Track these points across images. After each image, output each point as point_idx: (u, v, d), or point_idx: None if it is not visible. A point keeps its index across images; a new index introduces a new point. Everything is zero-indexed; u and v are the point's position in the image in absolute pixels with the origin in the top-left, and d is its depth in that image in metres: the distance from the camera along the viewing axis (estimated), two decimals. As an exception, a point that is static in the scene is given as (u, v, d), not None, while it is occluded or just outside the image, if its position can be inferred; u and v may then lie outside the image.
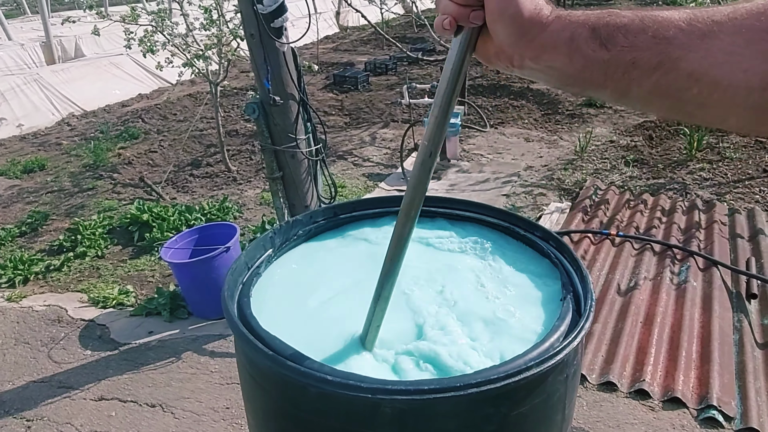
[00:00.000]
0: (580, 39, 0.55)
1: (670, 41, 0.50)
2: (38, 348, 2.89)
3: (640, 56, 0.52)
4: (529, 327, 0.96)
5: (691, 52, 0.49)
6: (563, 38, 0.56)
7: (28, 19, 12.90)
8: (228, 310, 0.95)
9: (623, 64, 0.53)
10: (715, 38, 0.48)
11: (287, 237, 1.27)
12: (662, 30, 0.51)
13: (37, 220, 4.31)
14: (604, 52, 0.54)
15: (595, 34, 0.54)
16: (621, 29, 0.53)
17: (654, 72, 0.51)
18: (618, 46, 0.53)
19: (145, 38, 4.63)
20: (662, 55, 0.51)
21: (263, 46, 2.18)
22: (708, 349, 2.32)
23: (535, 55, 0.59)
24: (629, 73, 0.53)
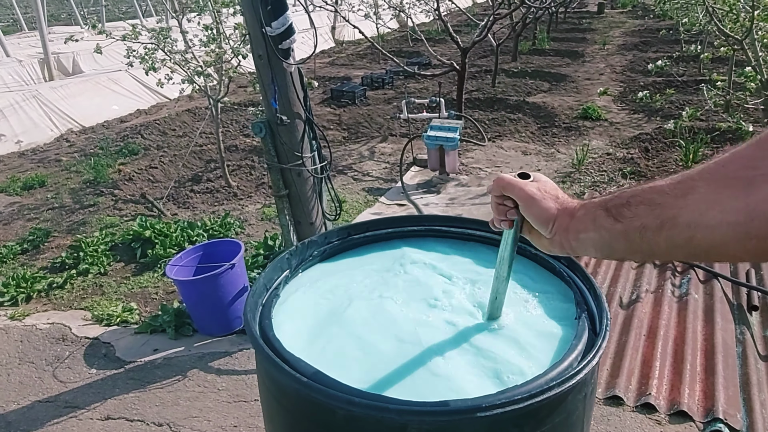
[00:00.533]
0: (600, 218, 0.71)
1: (662, 206, 0.63)
2: (43, 367, 2.89)
3: (645, 222, 0.65)
4: (544, 346, 0.98)
5: (681, 209, 0.61)
6: (589, 220, 0.73)
7: (25, 36, 12.94)
8: (252, 332, 0.98)
9: (636, 229, 0.66)
10: (695, 193, 0.60)
11: (303, 258, 1.29)
12: (653, 199, 0.64)
13: (38, 237, 4.31)
14: (618, 224, 0.68)
15: (608, 213, 0.70)
16: (625, 205, 0.68)
17: (661, 230, 0.63)
18: (626, 218, 0.67)
19: (147, 56, 4.68)
20: (661, 217, 0.63)
21: (271, 66, 2.22)
22: (712, 362, 2.35)
23: (575, 237, 0.76)
24: (644, 235, 0.65)
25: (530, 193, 0.81)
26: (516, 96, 7.78)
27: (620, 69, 9.17)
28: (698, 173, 0.62)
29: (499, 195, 0.86)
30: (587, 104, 6.90)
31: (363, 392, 0.82)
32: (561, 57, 10.45)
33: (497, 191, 0.86)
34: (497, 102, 7.53)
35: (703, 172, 0.61)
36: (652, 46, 10.70)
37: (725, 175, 0.58)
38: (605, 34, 12.81)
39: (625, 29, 13.54)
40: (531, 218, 0.82)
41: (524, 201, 0.82)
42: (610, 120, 6.57)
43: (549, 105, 7.22)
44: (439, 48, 10.68)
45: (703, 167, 0.62)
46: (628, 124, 6.38)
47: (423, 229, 1.39)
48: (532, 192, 0.81)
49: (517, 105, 7.32)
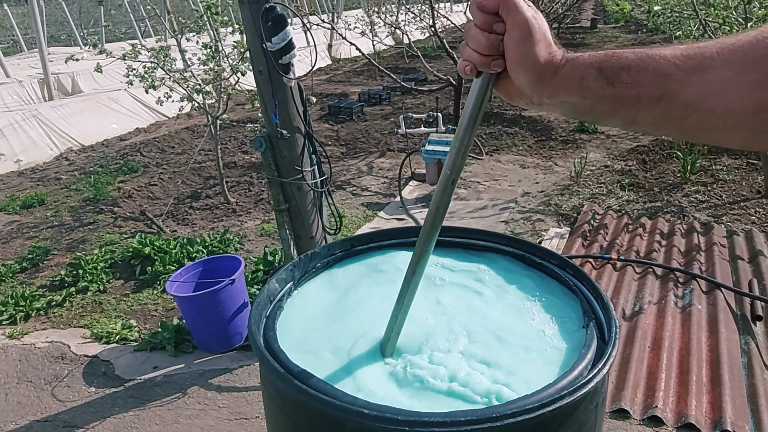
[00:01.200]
0: (590, 79, 0.62)
1: (667, 77, 0.57)
2: (41, 386, 2.85)
3: (643, 91, 0.59)
4: (552, 355, 0.97)
5: (687, 85, 0.56)
6: (575, 79, 0.64)
7: (25, 56, 13.04)
8: (257, 343, 0.97)
9: (629, 98, 0.60)
10: (707, 72, 0.54)
11: (306, 269, 1.29)
12: (660, 67, 0.58)
13: (37, 255, 4.29)
14: (611, 89, 0.61)
15: (602, 74, 0.62)
16: (624, 68, 0.60)
17: (657, 103, 0.58)
18: (623, 83, 0.60)
19: (146, 74, 4.71)
20: (662, 89, 0.57)
21: (271, 81, 2.24)
22: (718, 373, 2.33)
23: (551, 94, 0.67)
24: (635, 105, 0.60)
25: (532, 27, 0.65)
26: (512, 110, 7.83)
27: (615, 83, 9.27)
28: (716, 50, 0.55)
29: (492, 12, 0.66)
30: (584, 117, 6.95)
31: (372, 404, 0.81)
32: (556, 71, 10.55)
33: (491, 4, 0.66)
34: (494, 116, 7.58)
35: (721, 51, 0.54)
36: (646, 60, 10.83)
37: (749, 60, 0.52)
38: (599, 48, 12.96)
39: (619, 43, 13.71)
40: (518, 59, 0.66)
41: (525, 34, 0.65)
42: (606, 133, 6.61)
43: (545, 119, 7.27)
44: (435, 64, 10.78)
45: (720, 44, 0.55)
46: (624, 137, 6.42)
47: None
48: (534, 27, 0.65)
49: (514, 119, 7.36)
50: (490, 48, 0.68)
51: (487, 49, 0.68)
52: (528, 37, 0.65)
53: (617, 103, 0.61)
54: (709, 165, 5.06)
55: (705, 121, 0.56)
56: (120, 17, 19.61)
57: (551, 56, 0.66)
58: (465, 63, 0.71)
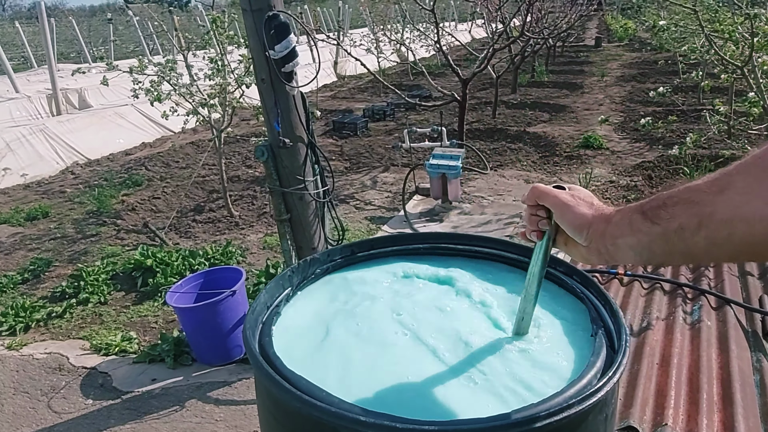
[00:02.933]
0: (637, 222, 0.70)
1: (699, 204, 0.62)
2: (38, 398, 2.81)
3: (683, 222, 0.63)
4: (560, 364, 0.93)
5: (717, 206, 0.60)
6: (625, 224, 0.72)
7: (35, 72, 13.23)
8: (251, 349, 0.93)
9: (673, 231, 0.65)
10: (732, 187, 0.59)
11: (305, 275, 1.25)
12: (691, 196, 0.63)
13: (39, 266, 4.28)
14: (656, 227, 0.67)
15: (645, 216, 0.69)
16: (662, 207, 0.66)
17: (699, 230, 0.62)
18: (663, 219, 0.66)
19: (152, 88, 4.74)
20: (698, 216, 0.62)
21: (274, 90, 2.23)
22: (729, 391, 2.25)
23: (612, 242, 0.74)
24: (682, 236, 0.64)
25: (564, 199, 0.80)
26: (516, 126, 7.84)
27: (619, 99, 9.27)
28: (735, 168, 0.60)
29: (533, 204, 0.85)
30: (588, 133, 6.94)
31: (368, 411, 0.77)
32: (559, 89, 10.59)
33: (531, 200, 0.85)
34: (498, 132, 7.59)
35: (740, 167, 0.60)
36: (650, 77, 10.86)
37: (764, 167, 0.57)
38: (603, 66, 13.02)
39: (623, 62, 13.78)
40: (565, 225, 0.81)
41: (558, 208, 0.81)
42: (611, 149, 6.60)
43: (549, 135, 7.27)
44: (439, 81, 10.85)
45: (740, 162, 0.60)
46: (630, 153, 6.40)
47: (429, 247, 1.35)
48: (567, 199, 0.80)
49: (518, 135, 7.37)
50: (532, 224, 0.87)
51: (531, 225, 0.87)
52: (565, 207, 0.79)
53: (666, 238, 0.66)
54: (716, 181, 5.02)
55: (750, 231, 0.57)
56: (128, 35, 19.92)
57: (598, 211, 0.77)
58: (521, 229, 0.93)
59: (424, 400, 0.85)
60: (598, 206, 0.79)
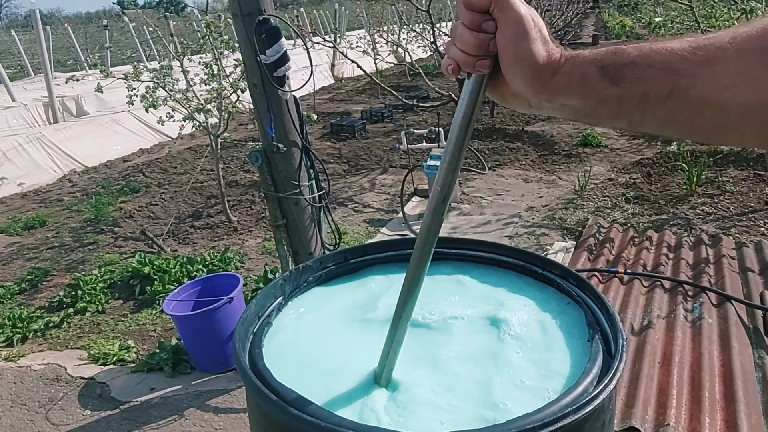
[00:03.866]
0: (591, 78, 0.58)
1: (676, 71, 0.52)
2: (36, 409, 2.78)
3: (650, 88, 0.54)
4: (555, 370, 0.91)
5: (698, 79, 0.51)
6: (575, 79, 0.59)
7: (31, 81, 13.23)
8: (240, 361, 0.91)
9: (635, 96, 0.55)
10: (719, 64, 0.50)
11: (297, 284, 1.23)
12: (668, 61, 0.53)
13: (36, 276, 4.26)
14: (615, 88, 0.56)
15: (604, 72, 0.57)
16: (628, 65, 0.55)
17: (665, 101, 0.53)
18: (627, 81, 0.55)
19: (147, 94, 4.73)
20: (671, 85, 0.53)
21: (266, 95, 2.21)
22: (731, 389, 2.23)
23: (551, 96, 0.62)
24: (641, 104, 0.55)
25: (527, 23, 0.60)
26: (515, 125, 7.82)
27: (617, 97, 9.25)
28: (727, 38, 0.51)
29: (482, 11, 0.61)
30: (586, 131, 6.92)
31: (359, 424, 0.75)
32: (558, 87, 10.57)
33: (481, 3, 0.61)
34: (496, 131, 7.57)
35: (735, 39, 0.50)
36: (647, 74, 10.84)
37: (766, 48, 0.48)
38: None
39: (620, 59, 13.75)
40: (513, 58, 0.61)
41: (517, 29, 0.60)
42: (610, 146, 6.58)
43: (548, 133, 7.25)
44: (436, 82, 10.82)
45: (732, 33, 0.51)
46: (628, 150, 6.38)
47: (423, 252, 1.33)
48: (529, 23, 0.60)
49: (516, 134, 7.35)
50: (478, 48, 0.62)
51: (474, 49, 0.62)
52: (524, 35, 0.60)
53: (622, 103, 0.56)
54: (715, 177, 5.00)
55: (719, 118, 0.51)
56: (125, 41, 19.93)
57: (549, 54, 0.61)
58: (448, 62, 0.66)
59: (417, 411, 0.83)
60: (550, 46, 0.61)
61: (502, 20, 0.60)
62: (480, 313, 1.09)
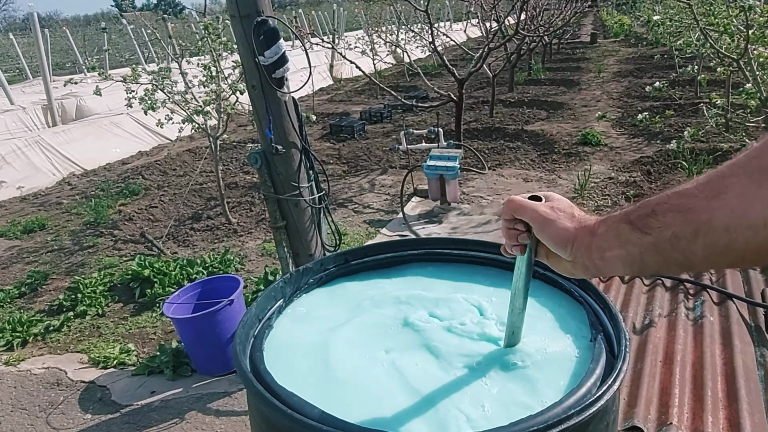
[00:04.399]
0: (625, 233, 0.65)
1: (693, 210, 0.57)
2: (36, 414, 2.78)
3: (677, 231, 0.58)
4: (558, 372, 0.90)
5: (714, 212, 0.55)
6: (612, 236, 0.67)
7: (29, 84, 13.22)
8: (241, 365, 0.91)
9: (667, 240, 0.60)
10: (729, 191, 0.54)
11: (298, 286, 1.23)
12: (683, 203, 0.58)
13: (36, 280, 4.25)
14: (647, 237, 0.62)
15: (633, 227, 0.64)
16: (651, 215, 0.62)
17: (697, 238, 0.57)
18: (654, 229, 0.61)
19: (146, 96, 4.72)
20: (693, 223, 0.57)
21: (265, 96, 2.20)
22: (734, 387, 2.22)
23: (599, 256, 0.69)
24: (677, 246, 0.59)
25: (544, 214, 0.75)
26: (514, 125, 7.82)
27: (617, 95, 9.25)
28: (728, 169, 0.55)
29: (510, 218, 0.80)
30: (586, 130, 6.92)
31: (364, 428, 0.74)
32: (557, 86, 10.57)
33: (508, 214, 0.80)
34: (496, 131, 7.56)
35: (734, 167, 0.55)
36: (647, 72, 10.83)
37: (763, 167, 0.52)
38: (599, 62, 13.00)
39: (619, 57, 13.76)
40: (547, 241, 0.76)
41: (538, 223, 0.76)
42: (609, 145, 6.57)
43: (547, 132, 7.24)
44: (435, 82, 10.83)
45: (732, 163, 0.56)
46: (628, 148, 6.38)
47: (424, 253, 1.33)
48: (546, 213, 0.75)
49: (516, 133, 7.34)
50: (511, 239, 0.82)
51: (510, 240, 0.82)
52: (545, 222, 0.74)
53: (659, 249, 0.61)
54: (715, 174, 4.99)
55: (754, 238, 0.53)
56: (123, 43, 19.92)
57: (581, 224, 0.72)
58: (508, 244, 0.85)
59: (419, 415, 0.83)
60: (580, 217, 0.74)
61: (528, 220, 0.77)
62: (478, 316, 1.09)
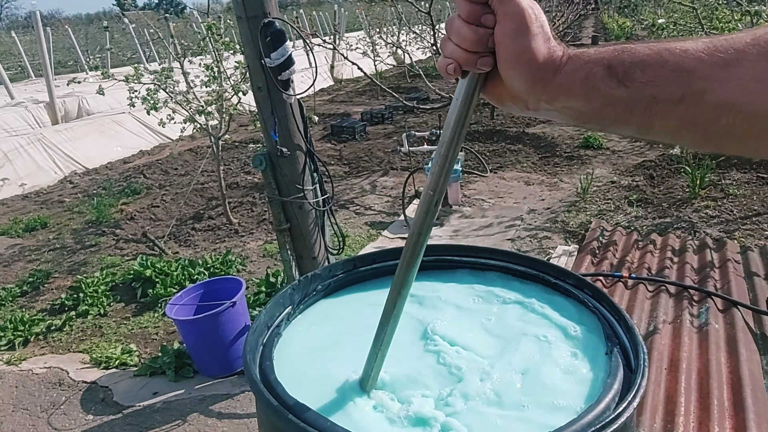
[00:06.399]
0: (596, 78, 0.53)
1: (691, 73, 0.48)
2: (37, 414, 2.77)
3: (661, 91, 0.50)
4: (573, 387, 0.89)
5: (715, 82, 0.47)
6: (578, 79, 0.54)
7: (32, 82, 13.21)
8: (251, 375, 0.89)
9: (644, 99, 0.51)
10: (740, 66, 0.46)
11: (306, 293, 1.22)
12: (682, 62, 0.49)
13: (38, 278, 4.24)
14: (622, 89, 0.52)
15: (611, 72, 0.52)
16: (638, 65, 0.51)
17: (678, 105, 0.49)
18: (636, 82, 0.51)
19: (148, 96, 4.71)
20: (684, 88, 0.48)
21: (270, 98, 2.19)
22: (740, 396, 2.21)
23: (551, 97, 0.57)
24: (651, 108, 0.51)
25: (528, 17, 0.55)
26: (515, 127, 7.81)
27: (619, 99, 9.23)
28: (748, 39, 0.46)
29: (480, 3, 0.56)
30: (588, 133, 6.91)
31: (376, 442, 0.73)
32: (559, 89, 10.55)
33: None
34: (497, 134, 7.55)
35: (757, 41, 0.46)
36: (648, 76, 10.82)
37: None
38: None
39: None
40: (512, 55, 0.56)
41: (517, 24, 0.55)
42: (612, 148, 6.56)
43: (549, 135, 7.24)
44: (436, 83, 10.80)
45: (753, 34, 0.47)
46: (630, 152, 6.37)
47: (432, 260, 1.31)
48: (530, 18, 0.55)
49: (517, 136, 7.33)
50: (477, 44, 0.57)
51: (473, 45, 0.57)
52: (524, 30, 0.55)
53: (630, 106, 0.52)
54: (719, 180, 4.99)
55: (737, 126, 0.47)
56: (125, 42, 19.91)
57: (551, 52, 0.55)
58: (447, 61, 0.60)
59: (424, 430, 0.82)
60: (552, 43, 0.56)
61: (502, 13, 0.55)
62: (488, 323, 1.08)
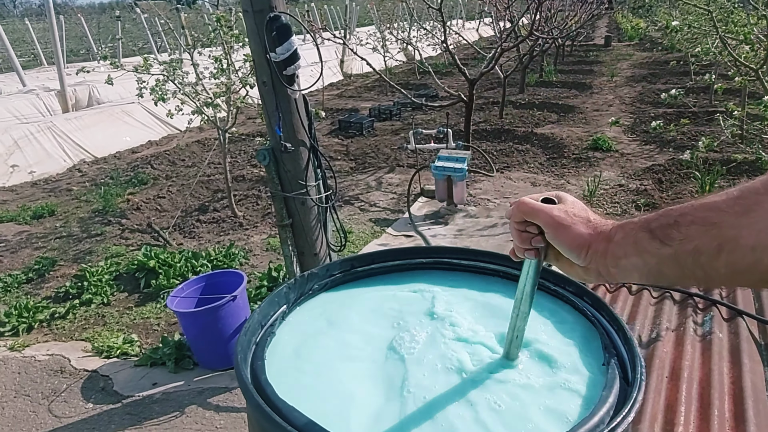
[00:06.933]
0: (643, 242, 0.62)
1: (719, 225, 0.54)
2: (39, 401, 2.79)
3: (699, 245, 0.56)
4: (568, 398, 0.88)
5: (743, 229, 0.52)
6: (629, 244, 0.64)
7: (44, 70, 13.28)
8: (242, 375, 0.89)
9: (688, 253, 0.57)
10: (759, 209, 0.52)
11: (302, 291, 1.21)
12: (708, 217, 0.56)
13: (44, 266, 4.27)
14: (666, 248, 0.59)
15: (653, 236, 0.61)
16: (673, 226, 0.59)
17: (719, 254, 0.55)
18: (675, 240, 0.58)
19: (157, 87, 4.71)
20: (718, 239, 0.54)
21: (275, 93, 2.18)
22: (742, 407, 2.18)
23: (614, 263, 0.66)
24: (698, 260, 0.57)
25: (558, 218, 0.72)
26: (524, 127, 7.76)
27: (629, 100, 9.15)
28: (762, 185, 0.52)
29: (521, 221, 0.76)
30: (597, 135, 6.85)
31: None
32: (568, 89, 10.48)
33: (518, 217, 0.76)
34: (505, 133, 7.51)
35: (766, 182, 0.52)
36: (660, 78, 10.71)
37: None
38: (613, 66, 12.87)
39: (633, 61, 13.62)
40: (561, 246, 0.72)
41: (552, 227, 0.72)
42: (621, 151, 6.50)
43: (557, 136, 7.18)
44: (446, 81, 10.77)
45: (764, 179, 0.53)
46: (639, 155, 6.31)
47: (431, 262, 1.30)
48: (560, 217, 0.72)
49: (525, 136, 7.28)
50: (522, 242, 0.78)
51: (521, 243, 0.78)
52: (560, 227, 0.71)
53: (678, 261, 0.58)
54: (728, 185, 4.92)
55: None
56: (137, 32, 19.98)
57: (596, 229, 0.69)
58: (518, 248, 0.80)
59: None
60: (596, 222, 0.71)
61: (541, 224, 0.73)
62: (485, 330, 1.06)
